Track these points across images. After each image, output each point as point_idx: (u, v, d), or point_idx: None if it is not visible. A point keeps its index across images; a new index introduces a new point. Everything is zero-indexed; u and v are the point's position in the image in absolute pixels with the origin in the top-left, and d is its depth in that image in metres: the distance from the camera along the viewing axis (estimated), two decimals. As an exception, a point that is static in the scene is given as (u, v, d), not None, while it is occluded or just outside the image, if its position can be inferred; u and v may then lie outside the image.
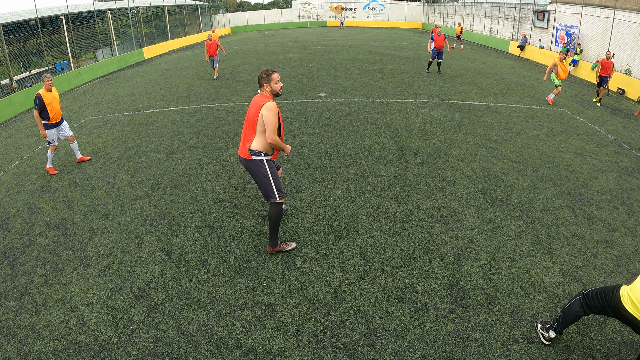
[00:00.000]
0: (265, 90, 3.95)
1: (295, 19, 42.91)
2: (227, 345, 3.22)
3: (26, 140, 8.83)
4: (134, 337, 3.33)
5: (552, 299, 3.67)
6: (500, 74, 14.73)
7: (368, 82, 12.65)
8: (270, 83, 3.92)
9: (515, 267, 4.11)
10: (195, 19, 35.37)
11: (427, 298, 3.68)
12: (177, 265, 4.21)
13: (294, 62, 16.97)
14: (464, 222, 4.90)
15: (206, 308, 3.61)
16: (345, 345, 3.20)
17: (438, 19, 35.48)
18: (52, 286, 4.00)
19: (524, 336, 3.26)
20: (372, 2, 41.43)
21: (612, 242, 4.57)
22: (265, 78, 3.92)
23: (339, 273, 4.02)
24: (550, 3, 19.09)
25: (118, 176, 6.43)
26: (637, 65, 12.83)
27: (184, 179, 6.18)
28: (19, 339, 3.38)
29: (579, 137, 8.04)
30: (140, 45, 23.86)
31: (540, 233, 4.70)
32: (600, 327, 3.37)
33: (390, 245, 4.45)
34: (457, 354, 3.11)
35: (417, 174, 6.17)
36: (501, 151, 7.09)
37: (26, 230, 5.07)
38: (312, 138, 7.73)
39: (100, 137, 8.46)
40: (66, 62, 18.17)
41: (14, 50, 16.71)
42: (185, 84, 13.54)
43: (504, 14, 24.22)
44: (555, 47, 18.32)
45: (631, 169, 6.62)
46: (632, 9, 13.18)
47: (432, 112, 9.40)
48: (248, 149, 3.95)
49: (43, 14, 15.51)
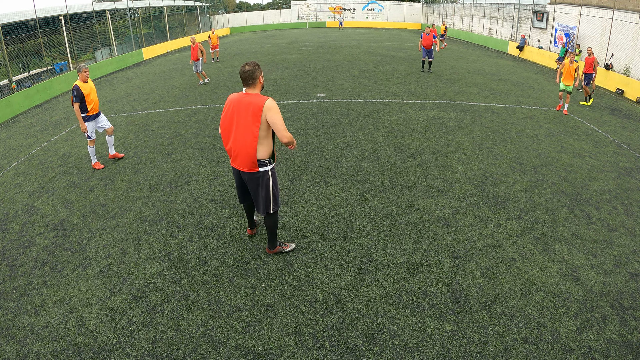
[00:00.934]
0: (257, 86, 3.52)
1: (294, 20, 42.94)
2: (227, 346, 3.22)
3: (25, 141, 8.82)
4: (133, 338, 3.32)
5: (552, 299, 3.67)
6: (499, 74, 14.74)
7: (367, 82, 12.66)
8: (262, 75, 3.55)
9: (514, 267, 4.11)
10: (194, 19, 35.38)
11: (427, 298, 3.68)
12: (176, 266, 4.21)
13: (293, 62, 16.98)
14: (463, 222, 4.90)
15: (205, 309, 3.61)
16: (345, 345, 3.20)
17: (437, 19, 35.52)
18: (51, 287, 3.99)
19: (524, 336, 3.26)
20: (371, 3, 41.47)
21: (611, 243, 4.57)
22: (258, 69, 3.46)
23: (338, 274, 4.02)
24: (549, 4, 19.13)
25: (117, 177, 6.42)
26: (636, 65, 12.85)
27: (183, 180, 6.17)
28: (18, 339, 3.37)
29: (578, 138, 8.05)
30: (139, 45, 23.86)
31: (540, 233, 4.70)
32: (599, 327, 3.37)
33: (390, 245, 4.45)
34: (456, 354, 3.11)
35: (416, 174, 6.17)
36: (500, 152, 7.10)
37: (25, 231, 5.07)
38: (311, 139, 7.73)
39: (99, 137, 8.45)
40: (65, 62, 18.16)
41: (13, 50, 16.70)
42: (185, 85, 13.54)
43: (502, 14, 24.26)
44: (555, 48, 18.35)
45: (630, 169, 6.63)
46: (630, 9, 13.21)
47: (431, 112, 9.41)
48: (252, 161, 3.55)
49: (42, 15, 15.51)
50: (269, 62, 17.48)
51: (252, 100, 3.43)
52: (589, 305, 3.62)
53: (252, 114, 3.42)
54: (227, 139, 3.64)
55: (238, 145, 3.54)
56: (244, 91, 3.54)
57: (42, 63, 18.14)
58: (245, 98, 3.47)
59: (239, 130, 3.50)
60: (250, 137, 3.48)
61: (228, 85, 12.93)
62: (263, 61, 17.73)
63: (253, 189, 3.78)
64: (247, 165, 3.60)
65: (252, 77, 3.46)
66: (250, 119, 3.43)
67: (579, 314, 3.51)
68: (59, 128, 9.57)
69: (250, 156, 3.55)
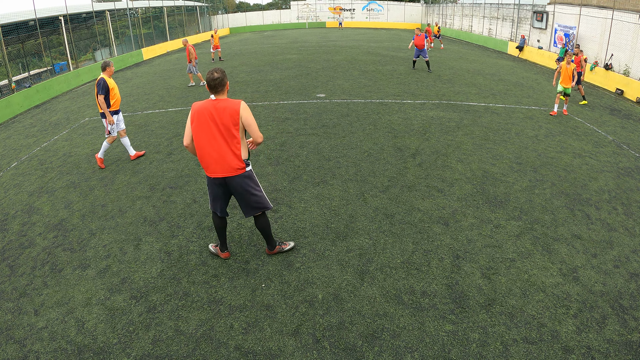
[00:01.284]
0: (225, 92, 3.54)
1: (294, 20, 42.95)
2: (226, 346, 3.22)
3: (25, 141, 8.82)
4: (133, 338, 3.32)
5: (551, 299, 3.68)
6: (498, 74, 14.75)
7: (367, 82, 12.66)
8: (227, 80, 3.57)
9: (514, 267, 4.11)
10: (194, 19, 35.39)
11: (426, 299, 3.68)
12: (176, 266, 4.21)
13: (293, 62, 16.98)
14: (462, 222, 4.90)
15: (205, 309, 3.61)
16: (345, 346, 3.20)
17: (437, 19, 35.54)
18: (50, 287, 3.99)
19: (523, 336, 3.26)
20: (370, 3, 41.48)
21: (610, 243, 4.57)
22: (225, 76, 3.50)
23: (338, 274, 4.02)
24: (549, 4, 19.14)
25: (117, 177, 6.42)
26: (636, 65, 12.85)
27: (183, 180, 6.17)
28: (18, 340, 3.37)
29: (578, 138, 8.06)
30: (139, 46, 23.86)
31: (539, 233, 4.70)
32: (599, 327, 3.37)
33: (389, 246, 4.45)
34: (456, 354, 3.11)
35: (416, 174, 6.17)
36: (500, 152, 7.10)
37: (25, 231, 5.07)
38: (311, 139, 7.73)
39: (99, 138, 8.45)
40: (65, 62, 18.16)
41: (12, 51, 16.70)
42: (184, 85, 13.54)
43: (502, 14, 24.27)
44: (554, 48, 18.36)
45: (630, 170, 6.63)
46: (630, 9, 13.22)
47: (431, 112, 9.41)
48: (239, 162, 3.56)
49: (42, 15, 15.52)
50: (269, 62, 17.48)
51: (227, 105, 3.46)
52: (589, 305, 3.62)
53: (230, 117, 3.45)
54: (205, 148, 3.53)
55: (221, 151, 3.51)
56: (213, 97, 3.52)
57: (41, 63, 18.14)
58: (218, 104, 3.47)
59: (221, 136, 3.48)
60: (234, 140, 3.50)
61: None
62: (263, 61, 17.74)
63: (241, 193, 3.69)
64: (234, 168, 3.57)
65: (221, 84, 3.48)
66: (230, 123, 3.46)
67: (579, 314, 3.51)
68: (59, 128, 9.57)
69: (237, 158, 3.55)
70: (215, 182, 3.67)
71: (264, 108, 10.00)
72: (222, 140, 3.49)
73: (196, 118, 3.50)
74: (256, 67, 16.35)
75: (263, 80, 13.55)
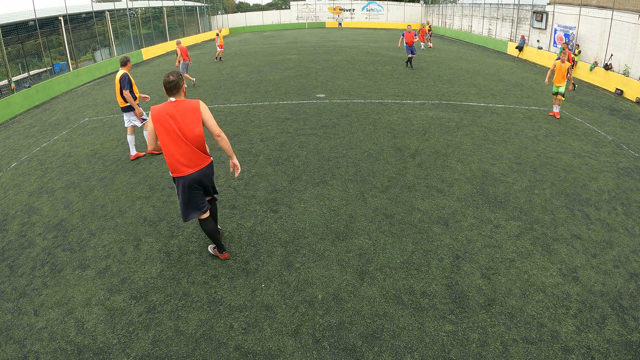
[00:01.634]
0: (182, 93, 3.66)
1: (293, 20, 42.96)
2: (226, 347, 3.22)
3: (24, 142, 8.81)
4: (133, 338, 3.32)
5: (551, 299, 3.68)
6: (498, 74, 14.76)
7: (366, 83, 12.66)
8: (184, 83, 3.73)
9: (514, 267, 4.11)
10: (194, 20, 35.38)
11: (426, 299, 3.68)
12: (175, 266, 4.21)
13: (293, 63, 16.98)
14: (462, 222, 4.90)
15: (205, 309, 3.61)
16: (344, 346, 3.20)
17: (437, 20, 35.55)
18: (50, 287, 3.99)
19: (523, 336, 3.27)
20: (370, 3, 41.49)
21: (610, 243, 4.58)
22: (181, 78, 3.62)
23: (337, 274, 4.02)
24: (549, 4, 19.15)
25: (117, 177, 6.42)
26: (635, 65, 12.86)
27: (183, 180, 6.17)
28: (18, 340, 3.37)
29: (578, 138, 8.06)
30: (138, 46, 23.86)
31: (539, 233, 4.70)
32: (599, 327, 3.38)
33: (389, 246, 4.45)
34: (456, 354, 3.11)
35: (415, 174, 6.17)
36: (500, 152, 7.10)
37: (25, 232, 5.06)
38: (311, 139, 7.73)
39: (98, 138, 8.45)
40: (65, 63, 18.15)
41: (12, 51, 16.69)
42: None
43: (502, 14, 24.28)
44: (554, 48, 18.37)
45: (629, 170, 6.64)
46: (630, 9, 13.23)
47: (431, 113, 9.41)
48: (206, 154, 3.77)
49: (41, 15, 15.51)
50: (269, 62, 17.48)
51: (188, 105, 3.62)
52: (589, 305, 3.62)
53: (193, 114, 3.61)
54: (173, 149, 3.61)
55: (189, 148, 3.64)
56: (173, 100, 3.61)
57: (41, 63, 18.14)
58: (180, 105, 3.60)
59: (188, 135, 3.60)
60: (200, 137, 3.66)
61: (227, 86, 12.93)
62: (263, 61, 17.74)
63: (208, 182, 3.87)
64: (202, 161, 3.75)
65: (177, 87, 3.60)
66: (193, 120, 3.61)
67: (579, 314, 3.51)
68: (59, 128, 9.56)
69: (203, 151, 3.76)
70: (187, 180, 3.74)
71: (264, 108, 10.00)
72: (190, 138, 3.63)
73: (159, 122, 3.57)
74: (256, 67, 16.35)
75: (263, 80, 13.55)
